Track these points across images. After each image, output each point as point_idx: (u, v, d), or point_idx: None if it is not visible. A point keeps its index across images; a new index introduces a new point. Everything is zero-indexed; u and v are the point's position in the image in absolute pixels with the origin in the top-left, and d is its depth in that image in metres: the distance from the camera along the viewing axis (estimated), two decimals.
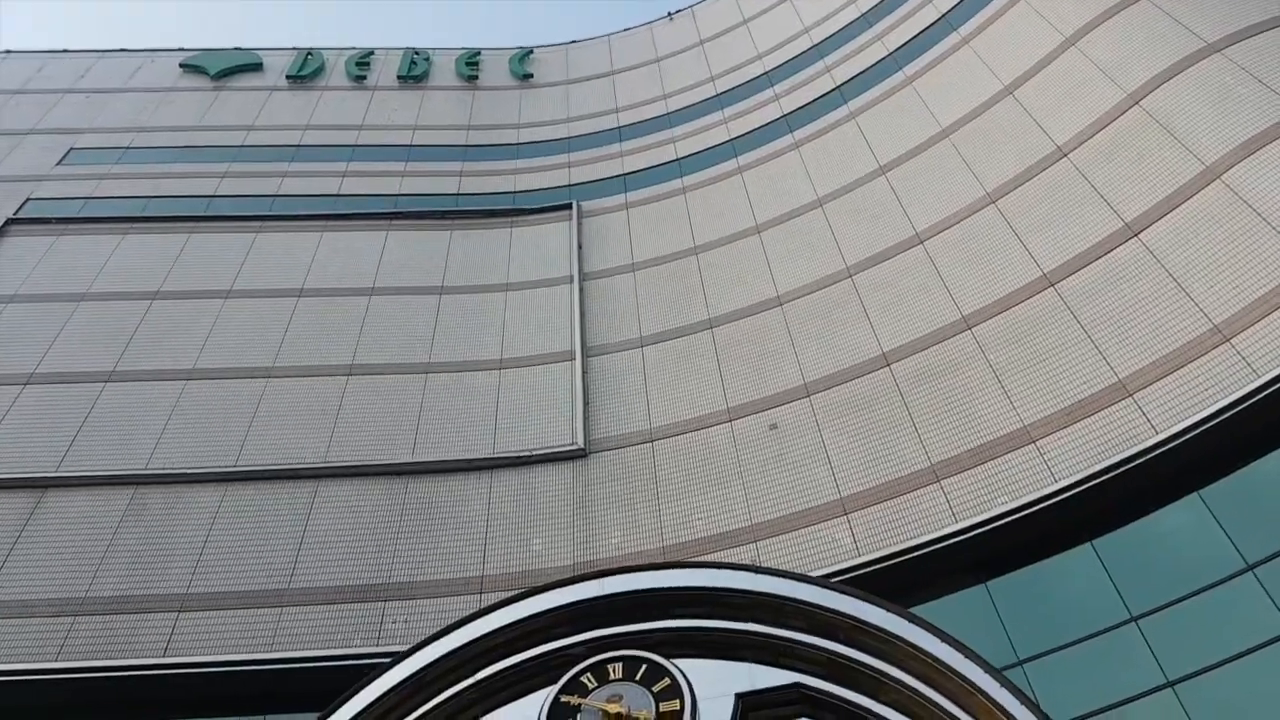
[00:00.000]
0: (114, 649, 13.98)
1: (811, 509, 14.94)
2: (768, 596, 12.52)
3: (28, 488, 16.51)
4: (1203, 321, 13.97)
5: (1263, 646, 11.06)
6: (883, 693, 11.65)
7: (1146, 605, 12.04)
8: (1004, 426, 14.57)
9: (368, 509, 16.21)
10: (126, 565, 15.25)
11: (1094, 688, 11.58)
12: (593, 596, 13.05)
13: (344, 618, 14.44)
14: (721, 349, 18.71)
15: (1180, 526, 12.66)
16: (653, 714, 11.82)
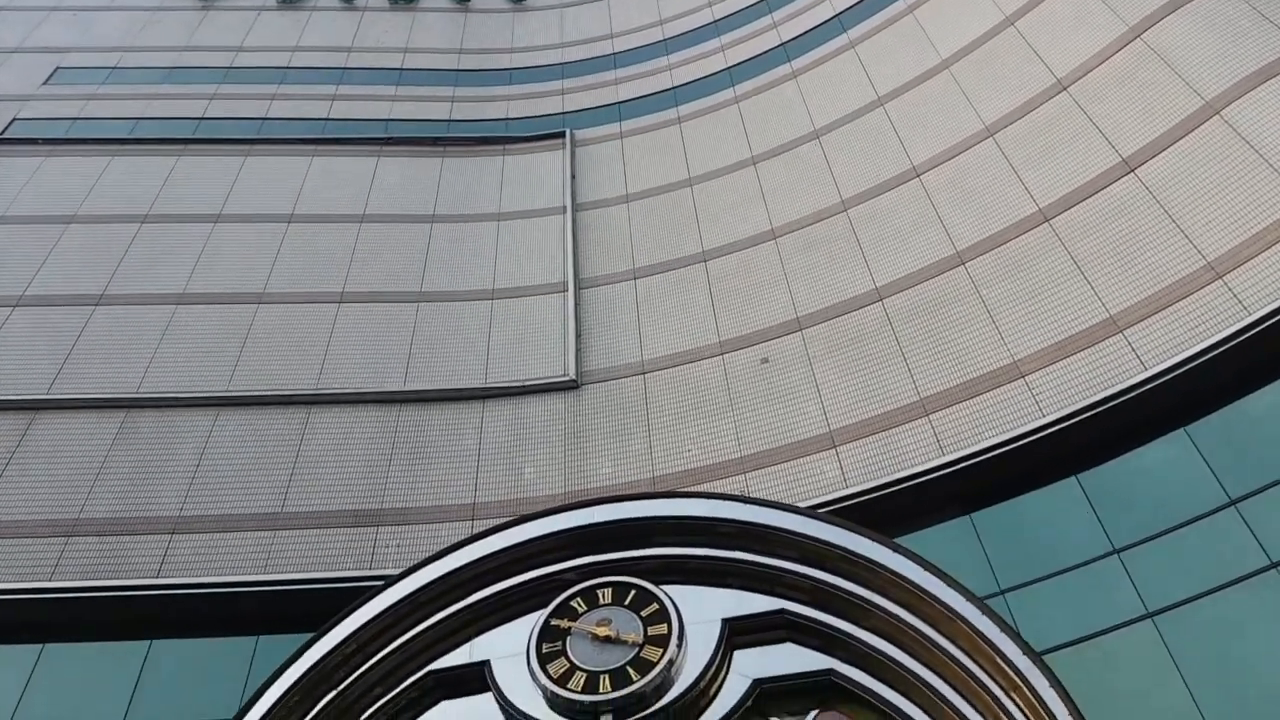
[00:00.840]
0: (108, 569, 14.14)
1: (801, 442, 15.06)
2: (755, 526, 12.73)
3: (19, 410, 16.52)
4: (1196, 258, 13.98)
5: (1242, 580, 11.28)
6: (866, 619, 11.91)
7: (1129, 539, 12.24)
8: (994, 361, 14.64)
9: (360, 436, 16.28)
10: (119, 488, 15.35)
11: (1074, 618, 11.82)
12: (584, 524, 13.25)
13: (337, 542, 14.61)
14: (715, 282, 18.67)
15: (1165, 461, 12.80)
16: (641, 637, 12.08)
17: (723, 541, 12.87)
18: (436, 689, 12.46)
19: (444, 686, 12.46)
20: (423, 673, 12.46)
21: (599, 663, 11.94)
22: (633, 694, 11.54)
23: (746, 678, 11.94)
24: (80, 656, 13.55)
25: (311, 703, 11.92)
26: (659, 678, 11.63)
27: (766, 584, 12.55)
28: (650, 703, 11.56)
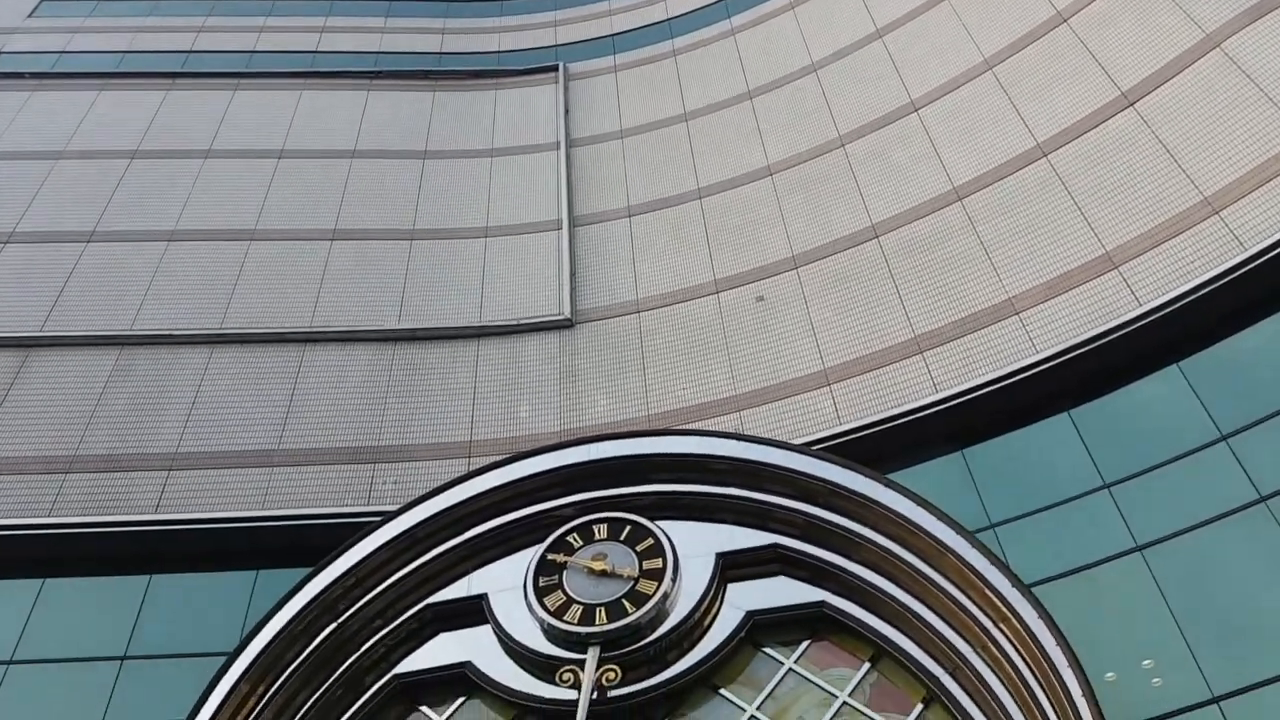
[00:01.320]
0: (106, 505, 14.21)
1: (795, 380, 15.10)
2: (748, 463, 12.87)
3: (12, 347, 16.47)
4: (1193, 194, 13.90)
5: (1231, 514, 11.40)
6: (857, 553, 12.10)
7: (1120, 473, 12.32)
8: (989, 298, 14.61)
9: (355, 374, 16.29)
10: (115, 425, 15.38)
11: (1063, 551, 11.95)
12: (580, 461, 13.38)
13: (334, 478, 14.69)
14: (710, 219, 18.54)
15: (1158, 397, 12.85)
16: (636, 571, 12.29)
17: (716, 478, 13.01)
18: (435, 621, 12.68)
19: (442, 619, 12.68)
20: (421, 606, 12.67)
21: (595, 596, 12.15)
22: (628, 626, 11.75)
23: (740, 610, 12.16)
24: (81, 590, 13.68)
25: (312, 635, 12.14)
26: (654, 610, 11.84)
27: (760, 519, 12.72)
28: (645, 634, 11.79)
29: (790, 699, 11.58)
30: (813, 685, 11.63)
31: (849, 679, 11.60)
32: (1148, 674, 10.78)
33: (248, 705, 11.55)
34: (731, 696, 11.68)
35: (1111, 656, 10.85)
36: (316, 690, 12.01)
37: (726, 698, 11.69)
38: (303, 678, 11.95)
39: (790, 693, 11.63)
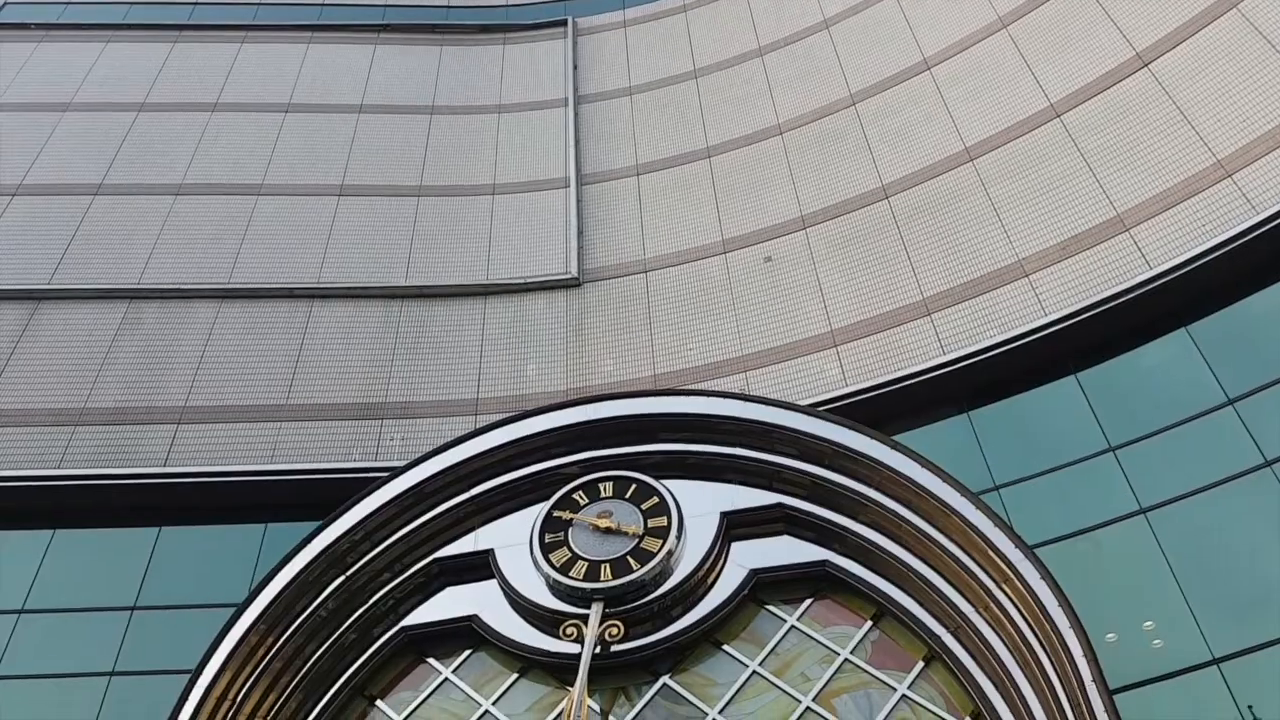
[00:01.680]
0: (115, 458, 14.30)
1: (802, 341, 15.07)
2: (754, 423, 12.91)
3: (21, 299, 16.49)
4: (1205, 156, 13.76)
5: (1236, 478, 11.41)
6: (862, 514, 12.17)
7: (1126, 436, 12.32)
8: (999, 260, 14.53)
9: (363, 331, 16.29)
10: (124, 378, 15.43)
11: (1068, 513, 12.00)
12: (586, 420, 13.44)
13: (342, 434, 14.75)
14: (719, 179, 18.42)
15: (1166, 360, 12.82)
16: (641, 529, 12.38)
17: (723, 438, 13.05)
18: (442, 575, 12.82)
19: (449, 573, 12.82)
20: (429, 560, 12.80)
21: (600, 553, 12.26)
22: (632, 582, 11.87)
23: (744, 568, 12.27)
24: (91, 542, 13.82)
25: (320, 587, 12.28)
26: (658, 567, 11.94)
27: (765, 479, 12.78)
28: (650, 590, 11.90)
29: (792, 655, 11.71)
30: (815, 642, 11.75)
31: (851, 637, 11.72)
32: (1149, 635, 10.86)
33: (257, 655, 11.70)
34: (734, 652, 11.82)
35: (1113, 618, 10.93)
36: (325, 641, 12.17)
37: (729, 654, 11.82)
38: (311, 629, 12.10)
39: (792, 649, 11.77)
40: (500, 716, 11.70)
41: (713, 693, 11.52)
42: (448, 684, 12.14)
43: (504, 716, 11.69)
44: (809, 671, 11.52)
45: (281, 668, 11.83)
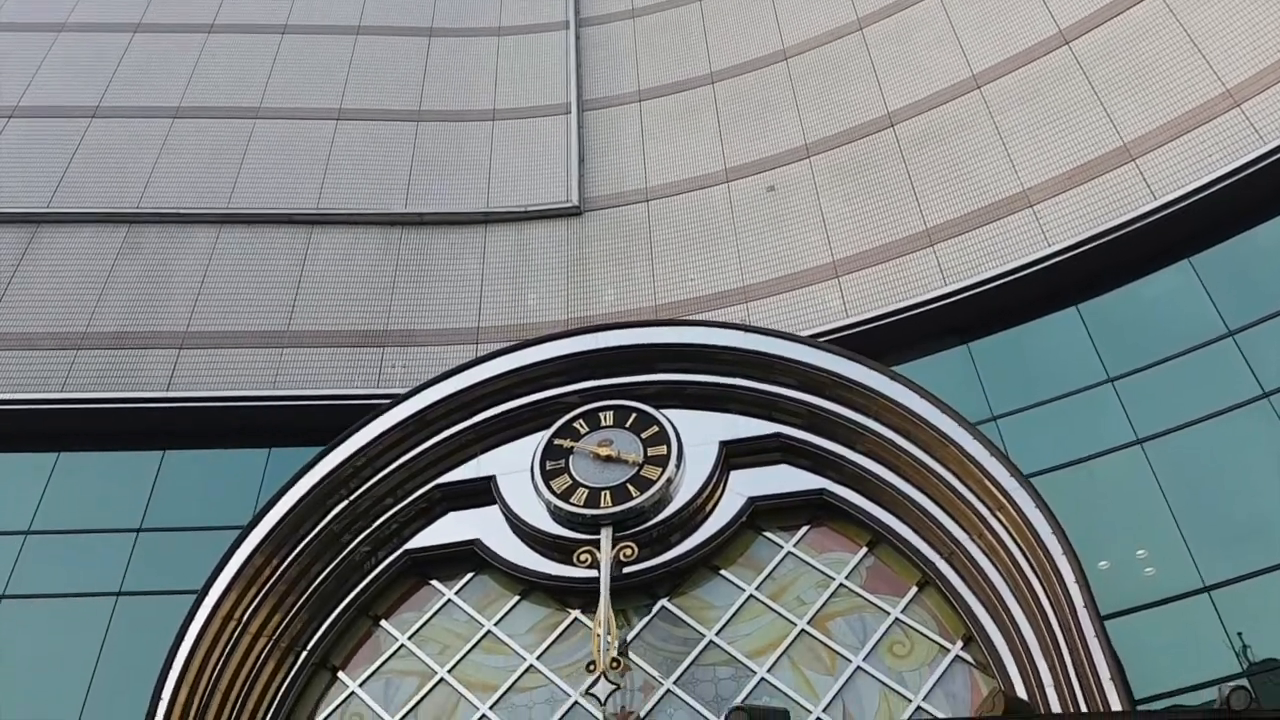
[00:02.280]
0: (118, 381, 14.36)
1: (803, 271, 15.02)
2: (754, 354, 12.93)
3: (20, 223, 16.38)
4: (1214, 84, 13.56)
5: (1234, 409, 11.49)
6: (860, 443, 12.26)
7: (1125, 367, 12.36)
8: (1003, 190, 14.40)
9: (363, 258, 16.21)
10: (125, 302, 15.41)
11: (1064, 443, 12.09)
12: (587, 350, 13.46)
13: (343, 361, 14.79)
14: (722, 105, 18.16)
15: (1168, 292, 12.80)
16: (641, 457, 12.49)
17: (722, 368, 13.09)
18: (444, 501, 12.96)
19: (451, 499, 12.96)
20: (431, 485, 12.94)
21: (600, 480, 12.39)
22: (632, 509, 12.01)
23: (742, 496, 12.41)
24: (95, 464, 13.95)
25: (324, 511, 12.43)
26: (658, 495, 12.08)
27: (764, 409, 12.84)
28: (649, 517, 12.05)
29: (788, 580, 11.92)
30: (811, 568, 11.94)
31: (846, 562, 11.91)
32: (1141, 563, 11.05)
33: (263, 576, 11.90)
34: (732, 577, 12.02)
35: (1106, 546, 11.10)
36: (329, 563, 12.36)
37: (727, 578, 12.02)
38: (315, 552, 12.28)
39: (789, 574, 11.96)
40: (503, 637, 11.94)
41: (710, 615, 11.74)
42: (451, 605, 12.37)
43: (506, 637, 11.94)
44: (804, 595, 11.73)
45: (287, 589, 12.03)
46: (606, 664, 10.97)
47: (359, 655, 12.16)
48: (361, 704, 11.70)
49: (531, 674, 11.58)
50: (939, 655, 11.05)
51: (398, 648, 12.09)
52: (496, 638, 11.94)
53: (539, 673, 11.56)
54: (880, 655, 11.13)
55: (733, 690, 10.98)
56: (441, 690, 11.62)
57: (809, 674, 11.13)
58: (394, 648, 12.10)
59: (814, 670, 11.15)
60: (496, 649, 11.87)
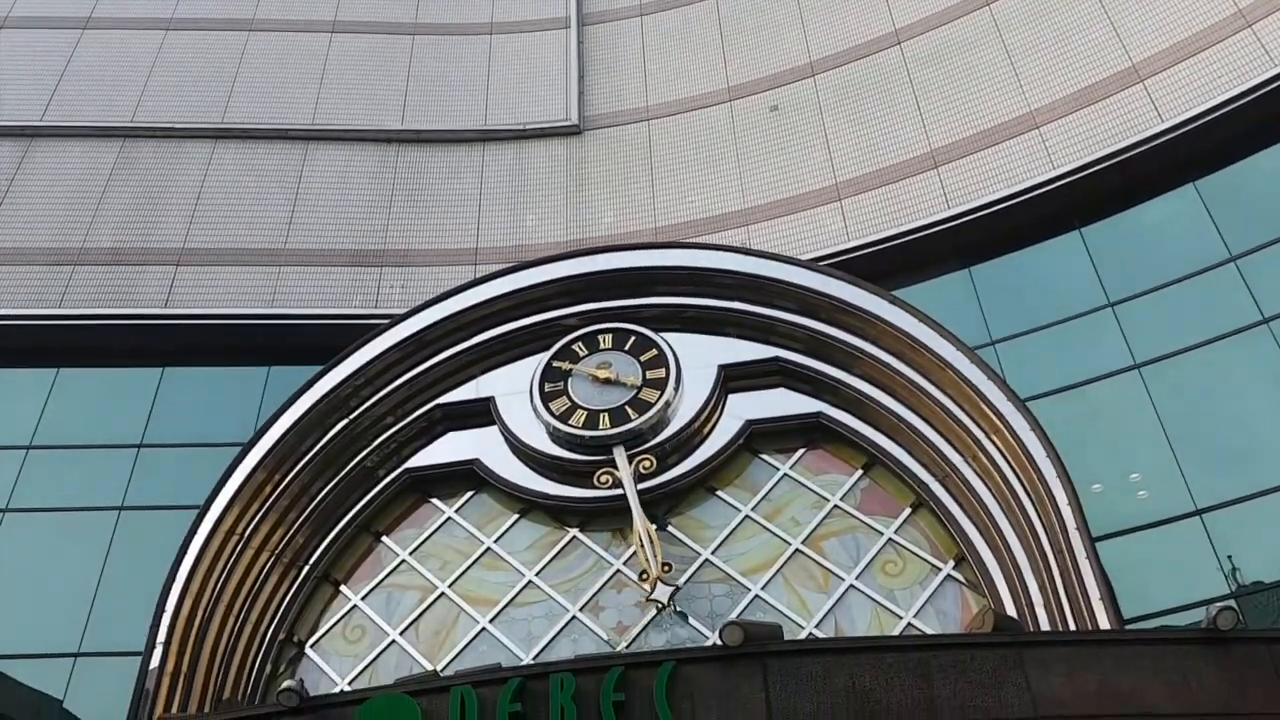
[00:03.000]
0: (115, 299, 14.33)
1: (805, 194, 14.88)
2: (754, 278, 12.89)
3: (14, 136, 16.18)
4: (1227, 3, 13.29)
5: (1233, 334, 11.52)
6: (857, 367, 12.29)
7: (1125, 292, 12.37)
8: (1010, 111, 14.21)
9: (359, 175, 16.03)
10: (121, 218, 15.29)
11: (1062, 368, 12.14)
12: (586, 272, 13.41)
13: (341, 280, 14.72)
14: (726, 20, 17.76)
15: (1171, 216, 12.73)
16: (639, 380, 12.52)
17: (722, 292, 13.06)
18: (444, 421, 13.03)
19: (451, 419, 13.02)
20: (430, 406, 12.99)
21: (599, 402, 12.44)
22: (630, 431, 12.09)
23: (739, 419, 12.47)
24: (95, 381, 14.00)
25: (325, 429, 12.50)
26: (655, 417, 12.14)
27: (763, 333, 12.85)
28: (647, 439, 12.14)
29: (784, 501, 12.05)
30: (806, 489, 12.06)
31: (841, 484, 12.03)
32: (1134, 487, 11.18)
33: (264, 492, 12.01)
34: (728, 498, 12.15)
35: (1100, 469, 11.22)
36: (330, 480, 12.48)
37: (723, 499, 12.16)
38: (316, 469, 12.38)
39: (784, 495, 12.09)
40: (502, 554, 12.11)
41: (706, 535, 11.90)
42: (451, 523, 12.52)
43: (505, 554, 12.11)
44: (799, 516, 11.87)
45: (288, 505, 12.16)
46: (659, 570, 11.09)
47: (360, 570, 12.35)
48: (364, 616, 11.93)
49: (531, 590, 11.77)
50: (930, 574, 11.23)
51: (399, 563, 12.27)
52: (496, 554, 12.12)
53: (538, 588, 11.75)
54: (873, 574, 11.31)
55: (728, 607, 11.17)
56: (442, 604, 11.83)
57: (802, 592, 11.33)
58: (395, 563, 12.28)
59: (807, 588, 11.35)
60: (496, 565, 12.05)
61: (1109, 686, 7.17)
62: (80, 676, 11.36)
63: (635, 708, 7.16)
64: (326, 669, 11.56)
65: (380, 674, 11.24)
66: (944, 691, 7.16)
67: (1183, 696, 7.17)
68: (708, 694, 7.27)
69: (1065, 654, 7.42)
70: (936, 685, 7.19)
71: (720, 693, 7.27)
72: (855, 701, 7.14)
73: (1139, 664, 7.31)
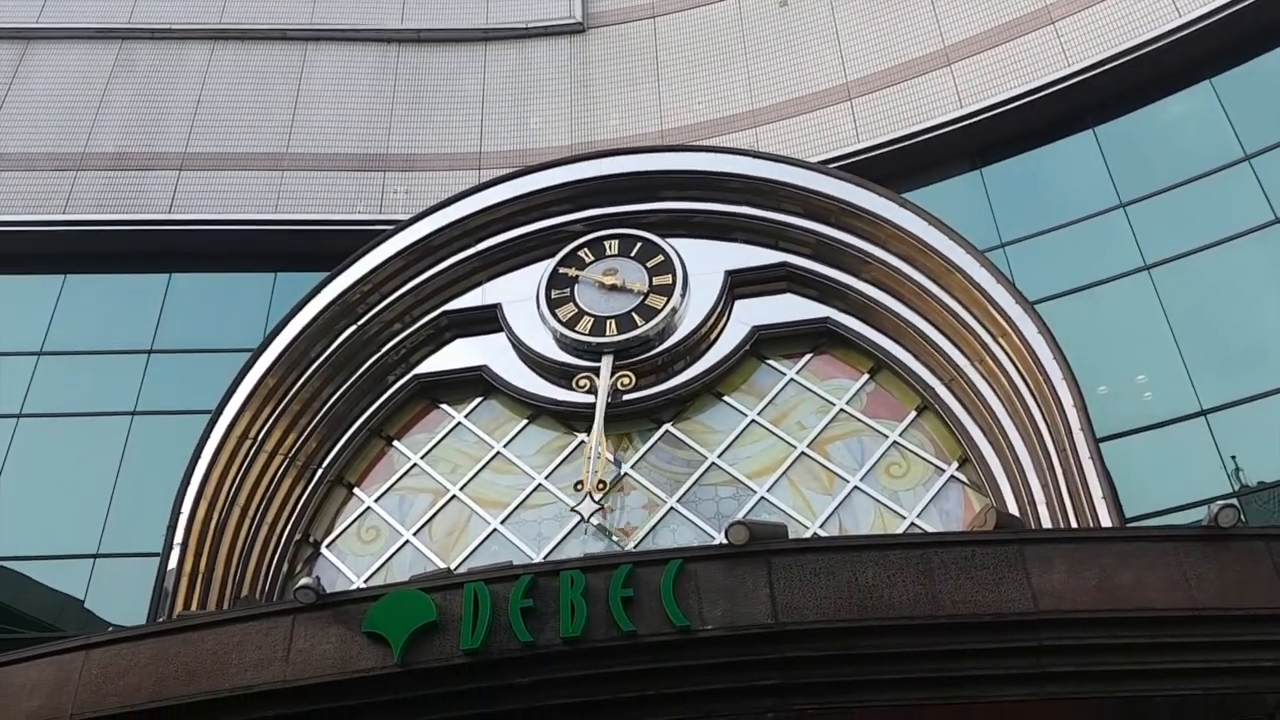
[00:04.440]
0: (119, 204, 14.25)
1: (815, 93, 14.57)
2: (762, 181, 12.75)
3: (10, 39, 15.89)
4: None
5: (1244, 235, 11.41)
6: (865, 271, 12.23)
7: (1137, 192, 12.21)
8: (1025, 6, 13.77)
9: (360, 78, 15.72)
10: (122, 122, 15.10)
11: (1072, 270, 12.07)
12: (591, 176, 13.28)
13: (345, 185, 14.58)
14: None
15: (1186, 114, 12.49)
16: (646, 286, 12.49)
17: (729, 196, 12.93)
18: (452, 328, 13.07)
19: (459, 326, 13.07)
20: (437, 312, 13.02)
21: (606, 309, 12.44)
22: (637, 337, 12.12)
23: (746, 325, 12.49)
24: (102, 287, 14.00)
25: (333, 335, 12.56)
26: (662, 323, 12.15)
27: (770, 238, 12.77)
28: (654, 345, 12.17)
29: (790, 406, 12.14)
30: (812, 394, 12.14)
31: (847, 389, 12.10)
32: (1140, 388, 11.21)
33: (275, 396, 12.13)
34: (734, 403, 12.24)
35: (1107, 371, 11.23)
36: (340, 386, 12.58)
37: (729, 404, 12.24)
38: (326, 375, 12.48)
39: (790, 400, 12.17)
40: (511, 458, 12.27)
41: (712, 439, 12.02)
42: (460, 428, 12.66)
43: (515, 458, 12.27)
44: (805, 420, 11.97)
45: (300, 409, 12.28)
46: (593, 485, 11.36)
47: (373, 474, 12.54)
48: (378, 518, 12.16)
49: (540, 492, 11.96)
50: (934, 476, 11.37)
51: (410, 466, 12.45)
52: (506, 458, 12.28)
53: (547, 491, 11.93)
54: (877, 476, 11.45)
55: (733, 508, 11.33)
56: (454, 507, 12.04)
57: (807, 494, 11.49)
58: (407, 466, 12.46)
59: (812, 490, 11.50)
60: (506, 469, 12.22)
61: (1109, 582, 7.29)
62: (100, 577, 11.62)
63: (643, 604, 7.32)
64: (343, 568, 11.84)
65: (395, 573, 11.50)
66: (945, 587, 7.29)
67: (1181, 593, 7.28)
68: (713, 590, 7.42)
69: (1066, 551, 7.52)
70: (938, 581, 7.32)
71: (726, 589, 7.42)
72: (858, 596, 7.29)
73: (1139, 560, 7.41)
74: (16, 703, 7.67)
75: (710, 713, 7.40)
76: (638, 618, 7.28)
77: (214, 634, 7.71)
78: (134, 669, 7.63)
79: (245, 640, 7.61)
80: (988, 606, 7.22)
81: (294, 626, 7.62)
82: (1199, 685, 7.31)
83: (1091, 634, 7.23)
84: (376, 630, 7.44)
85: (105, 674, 7.65)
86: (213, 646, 7.63)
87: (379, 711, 7.43)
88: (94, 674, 7.67)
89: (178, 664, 7.58)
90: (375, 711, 7.43)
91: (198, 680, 7.49)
